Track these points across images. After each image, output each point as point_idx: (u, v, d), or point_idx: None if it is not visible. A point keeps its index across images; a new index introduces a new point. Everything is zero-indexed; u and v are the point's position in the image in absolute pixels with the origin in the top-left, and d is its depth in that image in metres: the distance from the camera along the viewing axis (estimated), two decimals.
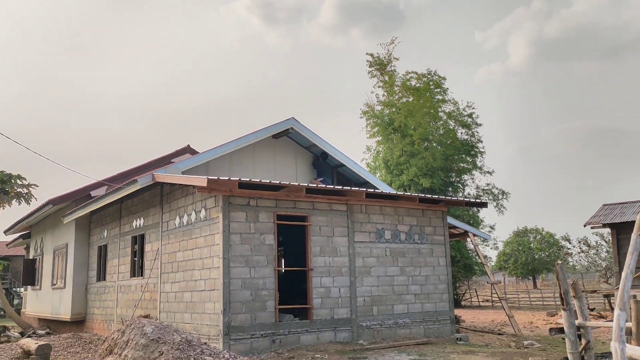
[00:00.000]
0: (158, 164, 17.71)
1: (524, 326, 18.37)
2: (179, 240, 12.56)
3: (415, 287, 13.19)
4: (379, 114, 32.53)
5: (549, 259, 53.67)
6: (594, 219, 20.49)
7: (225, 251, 10.68)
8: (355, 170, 16.26)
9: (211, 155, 14.05)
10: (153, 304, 13.49)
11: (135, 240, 15.06)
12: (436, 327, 13.26)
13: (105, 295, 16.57)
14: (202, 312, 11.22)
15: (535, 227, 57.21)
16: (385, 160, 31.70)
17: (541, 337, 14.95)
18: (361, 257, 12.45)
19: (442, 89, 32.22)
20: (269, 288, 11.07)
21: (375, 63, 33.01)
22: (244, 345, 10.45)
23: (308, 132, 15.37)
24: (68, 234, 18.65)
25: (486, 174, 32.91)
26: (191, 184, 11.20)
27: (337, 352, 10.61)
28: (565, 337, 4.75)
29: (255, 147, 15.25)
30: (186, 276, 12.04)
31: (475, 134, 32.50)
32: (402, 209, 13.30)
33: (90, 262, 18.06)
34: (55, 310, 19.19)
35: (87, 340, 14.69)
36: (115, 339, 7.48)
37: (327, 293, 11.83)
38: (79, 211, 16.66)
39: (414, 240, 13.37)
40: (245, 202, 11.11)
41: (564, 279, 4.66)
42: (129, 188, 13.22)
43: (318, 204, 12.04)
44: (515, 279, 62.97)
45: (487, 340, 13.50)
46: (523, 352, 10.85)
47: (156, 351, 6.77)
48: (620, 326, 2.54)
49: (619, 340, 2.48)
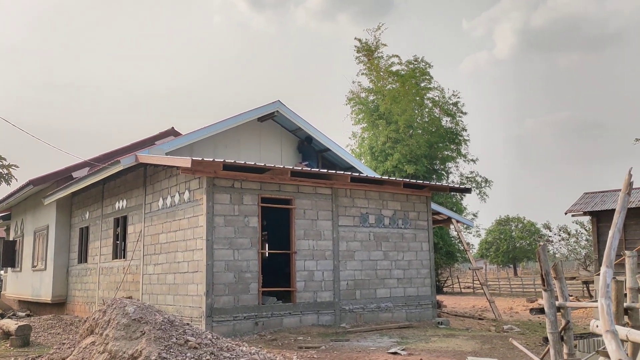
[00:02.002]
0: (142, 146, 17.50)
1: (504, 312, 18.64)
2: (162, 222, 12.47)
3: (398, 271, 13.28)
4: (364, 101, 32.50)
5: (530, 247, 54.42)
6: (575, 207, 20.76)
7: (209, 233, 10.63)
8: (341, 154, 16.25)
9: (195, 137, 13.93)
10: (135, 286, 13.41)
11: (117, 222, 14.92)
12: (418, 312, 13.38)
13: (86, 278, 16.43)
14: (185, 294, 11.18)
15: (517, 216, 57.92)
16: (370, 146, 31.73)
17: (520, 322, 15.18)
18: (345, 241, 12.48)
19: (428, 76, 32.24)
20: (253, 270, 11.06)
21: (363, 49, 32.86)
22: (226, 327, 10.45)
23: (294, 115, 15.30)
24: (49, 216, 18.42)
25: (470, 162, 33.17)
26: (175, 165, 11.11)
27: (319, 334, 10.66)
28: (546, 318, 4.81)
29: (241, 130, 15.14)
30: (169, 258, 11.98)
31: (460, 122, 32.66)
32: (386, 193, 13.33)
33: (72, 244, 17.88)
34: (36, 293, 19.00)
35: (68, 322, 14.58)
36: (96, 318, 7.40)
37: (311, 276, 11.86)
38: (60, 192, 16.44)
39: (397, 225, 13.43)
40: (229, 185, 11.04)
41: (545, 260, 4.71)
42: (112, 169, 13.07)
43: (303, 188, 12.02)
44: (496, 267, 63.77)
45: (467, 324, 13.68)
46: (502, 336, 11.01)
47: (138, 331, 6.72)
48: (607, 282, 2.57)
49: (605, 296, 2.51)
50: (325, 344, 9.48)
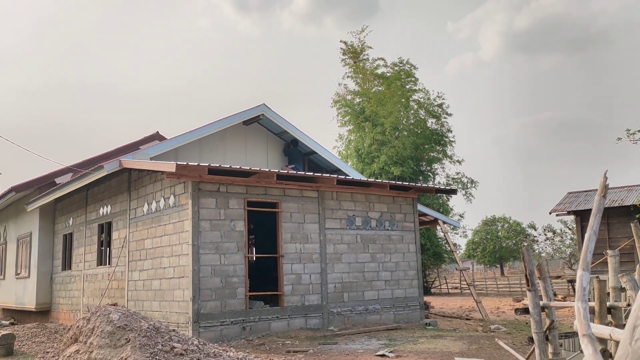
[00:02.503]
0: (126, 151, 17.36)
1: (491, 311, 18.74)
2: (147, 227, 12.36)
3: (385, 273, 13.29)
4: (350, 103, 32.56)
5: (516, 247, 54.82)
6: (559, 207, 20.95)
7: (195, 238, 10.55)
8: (327, 157, 16.25)
9: (180, 141, 13.84)
10: (121, 292, 13.28)
11: (102, 228, 14.76)
12: (406, 313, 13.40)
13: (71, 285, 16.23)
14: (172, 299, 11.09)
15: (503, 216, 58.34)
16: (357, 148, 31.78)
17: (507, 321, 15.27)
18: (332, 243, 12.47)
19: (413, 78, 32.38)
20: (239, 275, 11.00)
21: (348, 51, 32.93)
22: (213, 333, 10.37)
23: (279, 118, 15.27)
24: (32, 222, 18.18)
25: (456, 163, 33.33)
26: (159, 170, 11.01)
27: (307, 338, 10.63)
28: (530, 318, 4.83)
29: (226, 134, 15.08)
30: (155, 264, 11.87)
31: (445, 123, 32.83)
32: (373, 195, 13.35)
33: (55, 251, 17.65)
34: (20, 300, 18.73)
35: (53, 330, 14.39)
36: (80, 326, 7.31)
37: (298, 280, 11.83)
38: (43, 198, 16.24)
39: (384, 227, 13.45)
40: (215, 189, 10.98)
41: (529, 260, 4.73)
42: (96, 174, 12.93)
43: (289, 191, 11.99)
44: (483, 267, 64.15)
45: (455, 325, 13.73)
46: (489, 336, 11.06)
47: (122, 338, 6.64)
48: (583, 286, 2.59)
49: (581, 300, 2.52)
50: (313, 348, 9.45)
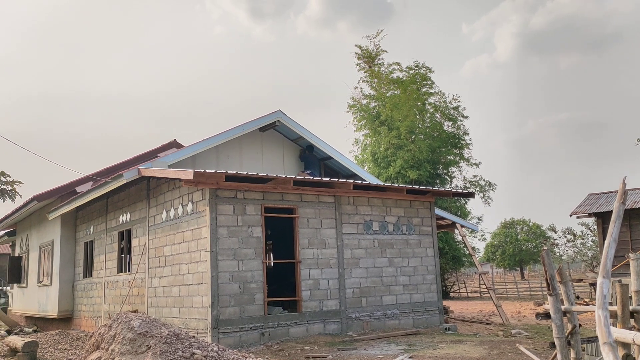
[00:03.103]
0: (144, 159, 17.55)
1: (511, 316, 18.54)
2: (166, 234, 12.48)
3: (403, 278, 13.23)
4: (365, 107, 32.56)
5: (536, 249, 54.17)
6: (580, 209, 20.68)
7: (213, 244, 10.63)
8: (343, 162, 16.25)
9: (197, 148, 13.95)
10: (141, 299, 13.41)
11: (122, 236, 14.94)
12: (425, 318, 13.32)
13: (92, 292, 16.44)
14: (191, 306, 11.16)
15: (522, 219, 57.71)
16: (373, 153, 31.75)
17: (529, 325, 15.09)
18: (349, 248, 12.46)
19: (429, 81, 32.29)
20: (258, 281, 11.04)
21: (363, 55, 32.96)
22: (233, 339, 10.42)
23: (295, 124, 15.31)
24: (54, 231, 18.46)
25: (473, 165, 33.13)
26: (177, 178, 11.12)
27: (326, 343, 10.62)
28: (552, 323, 4.78)
29: (242, 141, 15.17)
30: (174, 270, 11.97)
31: (462, 126, 32.65)
32: (389, 200, 13.32)
33: (77, 259, 17.90)
34: (42, 308, 19.01)
35: (75, 337, 14.57)
36: (102, 333, 7.40)
37: (316, 285, 11.83)
38: (64, 207, 16.49)
39: (401, 232, 13.40)
40: (232, 195, 11.05)
41: (549, 265, 4.68)
42: (115, 183, 13.10)
43: (306, 196, 12.02)
44: (503, 270, 63.46)
45: (475, 329, 13.60)
46: (510, 341, 10.94)
47: (143, 345, 6.71)
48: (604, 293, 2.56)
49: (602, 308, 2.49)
50: (332, 353, 9.44)
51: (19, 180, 20.32)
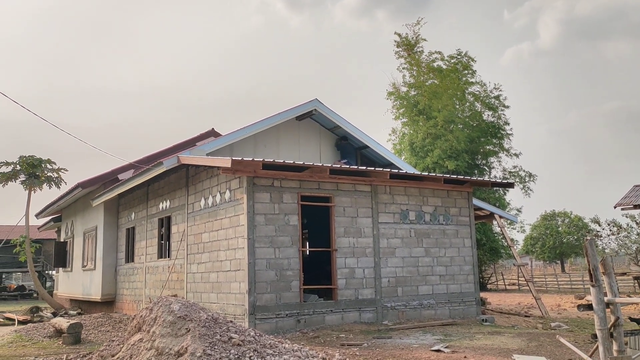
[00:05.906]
0: (183, 147, 17.86)
1: (551, 309, 18.17)
2: (204, 221, 12.70)
3: (440, 268, 13.12)
4: (404, 95, 32.23)
5: (577, 242, 52.83)
6: (625, 200, 20.03)
7: (250, 232, 10.76)
8: (379, 151, 16.17)
9: (235, 137, 14.11)
10: (180, 284, 13.71)
11: (162, 222, 15.28)
12: (461, 309, 13.19)
13: (133, 277, 16.90)
14: (228, 292, 11.36)
15: (563, 211, 56.33)
16: (411, 142, 31.47)
17: (569, 319, 14.77)
18: (385, 238, 12.42)
19: (471, 70, 31.71)
20: (294, 268, 11.14)
21: (402, 44, 32.59)
22: (269, 325, 10.56)
23: (331, 113, 15.31)
24: (97, 217, 19.03)
25: (513, 156, 32.47)
26: (215, 166, 11.28)
27: (361, 332, 10.65)
28: (594, 314, 4.67)
29: (279, 129, 15.26)
30: (212, 257, 12.19)
31: (502, 116, 32.00)
32: (426, 189, 13.20)
33: (119, 244, 18.42)
34: (86, 291, 19.68)
35: (117, 319, 15.03)
36: (143, 316, 7.61)
37: (352, 274, 11.86)
38: (107, 194, 16.97)
39: (438, 222, 13.27)
40: (269, 183, 11.15)
41: (593, 255, 4.56)
42: (155, 170, 13.39)
43: (342, 185, 12.02)
44: (542, 263, 62.16)
45: (513, 322, 13.39)
46: (550, 333, 10.73)
47: (183, 328, 6.87)
48: None
49: None
50: (367, 342, 9.47)
51: (64, 168, 21.05)
